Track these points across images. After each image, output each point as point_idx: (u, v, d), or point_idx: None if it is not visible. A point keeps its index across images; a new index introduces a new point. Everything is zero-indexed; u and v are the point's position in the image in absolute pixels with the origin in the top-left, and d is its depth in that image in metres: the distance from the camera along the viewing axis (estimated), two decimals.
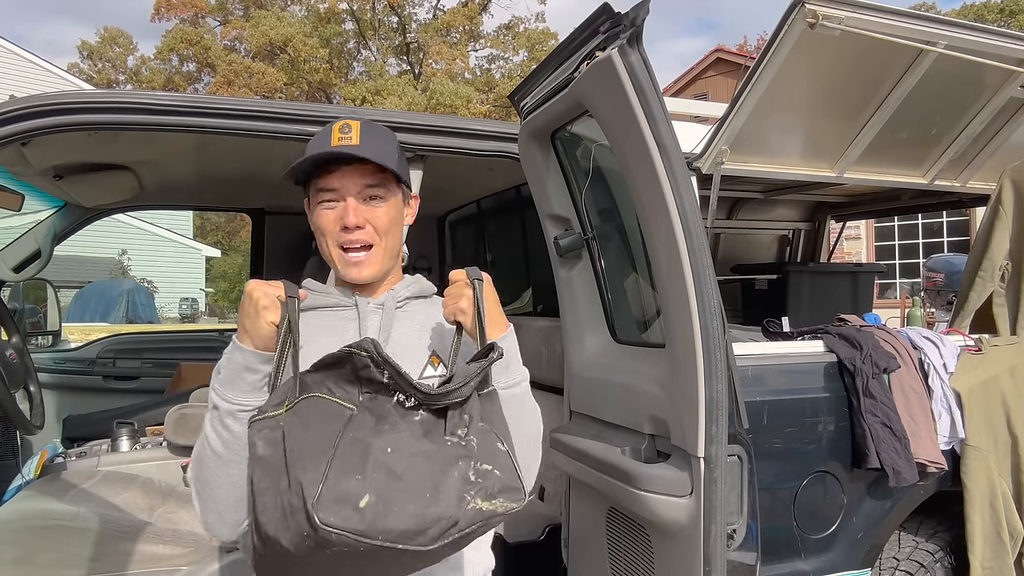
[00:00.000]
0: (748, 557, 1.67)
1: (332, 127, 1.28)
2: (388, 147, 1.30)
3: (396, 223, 1.33)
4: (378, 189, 1.29)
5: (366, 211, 1.28)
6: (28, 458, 2.79)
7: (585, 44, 1.68)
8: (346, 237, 1.27)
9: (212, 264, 23.18)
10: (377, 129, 1.33)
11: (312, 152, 1.27)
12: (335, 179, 1.27)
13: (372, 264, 1.30)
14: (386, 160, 1.26)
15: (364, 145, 1.25)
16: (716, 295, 1.52)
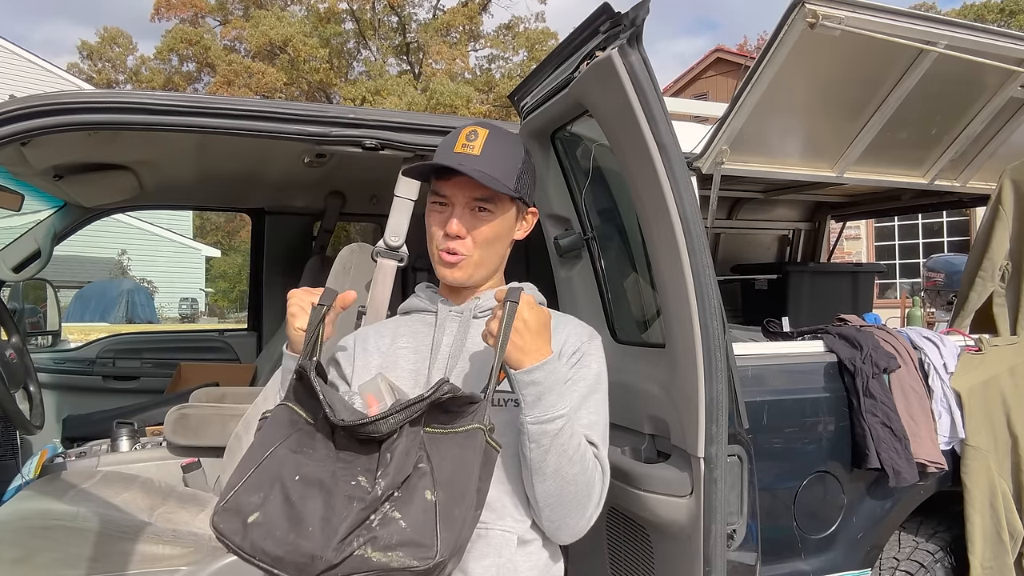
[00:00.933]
0: (748, 557, 1.67)
1: (461, 131, 1.32)
2: (509, 162, 1.31)
3: (500, 238, 1.35)
4: (487, 203, 1.31)
5: (470, 222, 1.31)
6: (28, 458, 2.79)
7: (585, 44, 1.68)
8: (445, 243, 1.31)
9: (212, 264, 23.18)
10: (504, 141, 1.33)
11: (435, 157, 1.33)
12: (448, 187, 1.31)
13: (464, 268, 1.33)
14: (500, 178, 1.27)
15: (484, 157, 1.28)
16: (716, 295, 1.52)
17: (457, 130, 1.33)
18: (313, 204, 3.56)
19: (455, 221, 1.30)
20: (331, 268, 2.42)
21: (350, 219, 3.98)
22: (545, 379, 1.17)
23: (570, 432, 1.19)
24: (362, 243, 2.40)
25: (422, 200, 1.95)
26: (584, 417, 1.28)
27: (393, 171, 1.92)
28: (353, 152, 1.84)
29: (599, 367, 1.34)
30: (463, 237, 1.30)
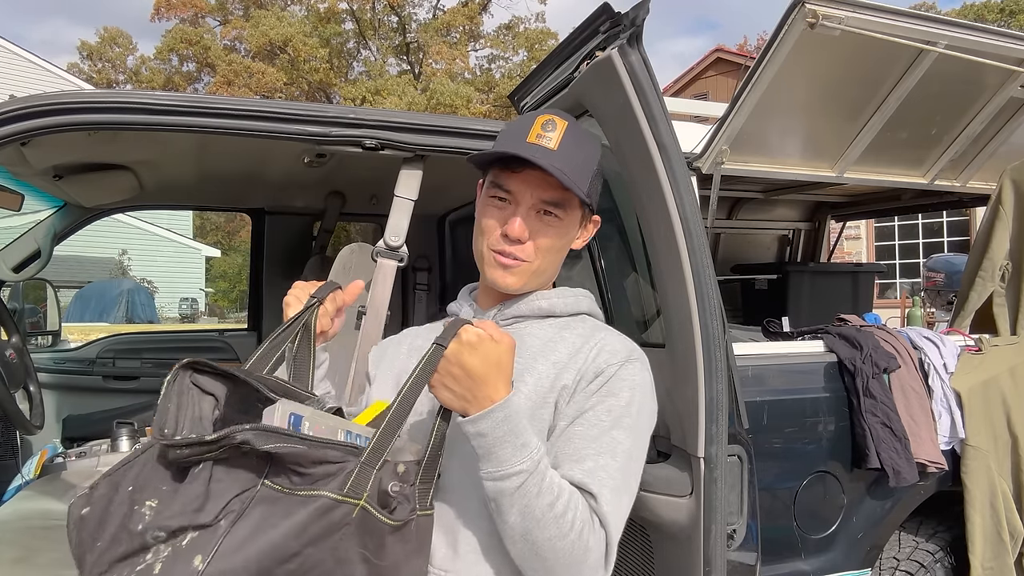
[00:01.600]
0: (748, 557, 1.67)
1: (536, 118, 1.15)
2: (586, 163, 1.15)
3: (562, 246, 1.19)
4: (557, 207, 1.15)
5: (535, 225, 1.14)
6: (28, 458, 2.79)
7: (585, 44, 1.68)
8: (502, 247, 1.15)
9: (212, 264, 23.18)
10: (583, 138, 1.17)
11: (501, 144, 1.15)
12: (514, 181, 1.14)
13: (519, 275, 1.17)
14: (576, 179, 1.11)
15: (561, 153, 1.11)
16: (716, 295, 1.52)
17: (528, 117, 1.16)
18: (313, 204, 3.56)
19: (519, 222, 1.12)
20: (331, 268, 2.42)
21: (350, 219, 3.98)
22: (492, 430, 0.97)
23: (536, 489, 0.97)
24: (362, 243, 2.40)
25: (422, 200, 1.95)
26: (588, 460, 1.04)
27: (393, 171, 1.92)
28: (353, 152, 1.84)
29: (631, 397, 1.10)
30: (524, 242, 1.14)
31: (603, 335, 1.17)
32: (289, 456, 0.91)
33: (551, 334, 1.18)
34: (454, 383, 0.99)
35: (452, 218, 3.83)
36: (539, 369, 1.13)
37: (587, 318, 1.24)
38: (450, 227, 3.87)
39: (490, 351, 1.00)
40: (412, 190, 1.91)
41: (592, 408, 1.09)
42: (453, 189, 3.19)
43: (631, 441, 1.08)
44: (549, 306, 1.21)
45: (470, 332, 1.00)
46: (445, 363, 1.00)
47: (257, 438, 0.89)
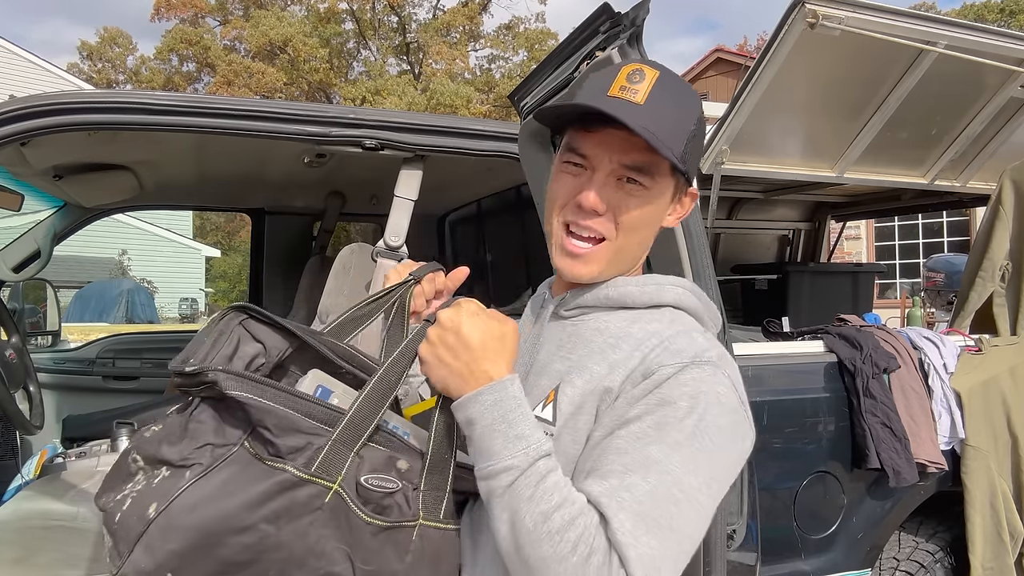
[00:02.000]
0: (748, 557, 1.67)
1: (622, 68, 0.95)
2: (679, 121, 0.94)
3: (649, 222, 0.98)
4: (643, 174, 0.94)
5: (615, 196, 0.94)
6: (28, 458, 2.79)
7: (585, 44, 1.67)
8: (576, 219, 0.96)
9: (212, 264, 23.18)
10: (678, 90, 0.96)
11: (577, 97, 0.95)
12: (591, 142, 0.94)
13: (594, 262, 0.97)
14: (666, 139, 0.90)
15: (648, 107, 0.91)
16: (716, 295, 1.52)
17: (613, 67, 0.97)
18: (313, 204, 3.56)
19: (594, 192, 0.93)
20: (331, 268, 2.42)
21: (350, 219, 3.98)
22: (481, 416, 0.84)
23: (529, 493, 0.80)
24: (362, 243, 2.40)
25: (422, 200, 1.95)
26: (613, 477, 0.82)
27: (393, 171, 1.92)
28: (353, 152, 1.84)
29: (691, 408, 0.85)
30: (602, 214, 0.94)
31: (675, 331, 0.94)
32: (254, 412, 0.82)
33: (618, 329, 0.97)
34: (448, 354, 0.86)
35: (452, 218, 3.83)
36: (592, 369, 0.94)
37: (670, 311, 0.99)
38: (450, 227, 3.87)
39: (492, 324, 0.89)
40: (412, 190, 1.91)
41: (638, 419, 0.86)
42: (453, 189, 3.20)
43: (682, 465, 0.82)
44: (619, 296, 0.99)
45: (471, 302, 0.91)
46: (439, 330, 0.88)
47: (226, 381, 0.81)
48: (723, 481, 0.88)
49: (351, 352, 1.03)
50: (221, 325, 0.96)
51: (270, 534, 0.81)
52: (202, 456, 0.83)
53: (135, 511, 0.81)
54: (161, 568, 0.79)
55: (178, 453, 0.83)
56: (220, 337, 0.94)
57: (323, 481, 0.83)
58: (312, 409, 0.85)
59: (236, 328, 0.96)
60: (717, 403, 0.87)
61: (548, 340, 1.03)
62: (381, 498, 0.86)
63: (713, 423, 0.86)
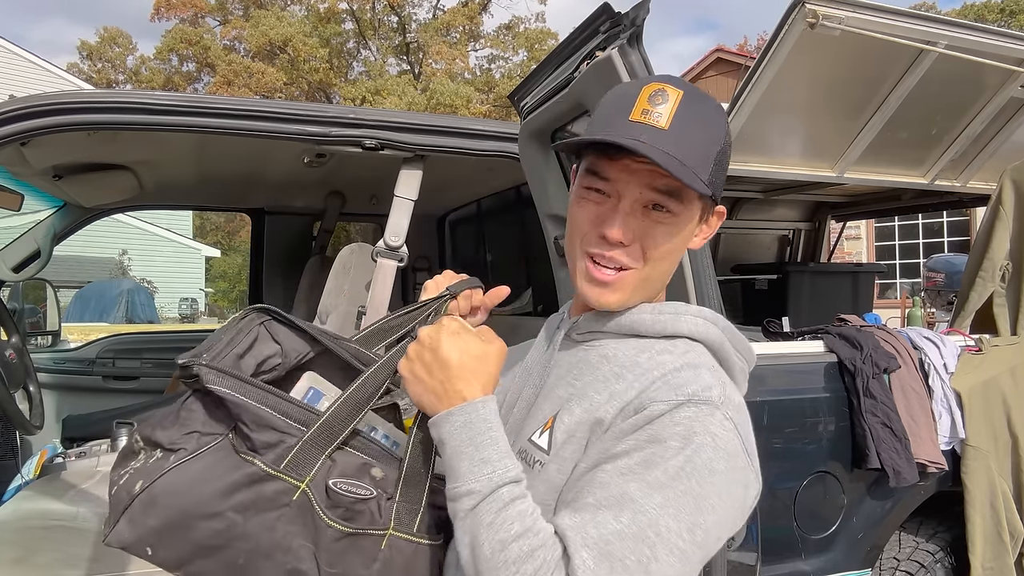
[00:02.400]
0: (748, 557, 1.67)
1: (642, 88, 0.89)
2: (706, 145, 0.89)
3: (678, 249, 0.94)
4: (668, 199, 0.89)
5: (640, 225, 0.90)
6: (27, 458, 2.79)
7: (585, 44, 1.68)
8: (600, 251, 0.91)
9: (212, 264, 23.19)
10: (703, 110, 0.90)
11: (597, 123, 0.92)
12: (614, 168, 0.89)
13: (621, 290, 0.93)
14: (694, 166, 0.86)
15: (673, 133, 0.86)
16: (716, 295, 1.52)
17: (634, 84, 0.92)
18: (313, 204, 3.56)
19: (618, 223, 0.89)
20: (331, 268, 2.42)
21: (350, 219, 3.98)
22: (450, 437, 0.83)
23: (489, 519, 0.78)
24: (362, 243, 2.40)
25: (422, 200, 1.95)
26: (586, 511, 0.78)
27: (393, 171, 1.92)
28: (353, 152, 1.84)
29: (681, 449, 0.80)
30: (628, 245, 0.90)
31: (681, 363, 0.89)
32: (232, 408, 0.85)
33: (626, 358, 0.93)
34: (424, 371, 0.86)
35: (452, 218, 3.84)
36: (593, 399, 0.90)
37: (684, 342, 0.94)
38: (450, 227, 3.88)
39: (472, 344, 0.87)
40: (412, 190, 1.91)
41: (626, 454, 0.81)
42: (453, 189, 3.20)
43: (662, 509, 0.77)
44: (631, 323, 0.95)
45: (453, 319, 0.90)
46: (418, 346, 0.88)
47: (208, 375, 0.85)
48: (712, 529, 0.80)
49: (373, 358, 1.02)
50: (242, 324, 0.98)
51: (237, 523, 0.83)
52: (188, 442, 0.86)
53: (126, 487, 0.85)
54: (141, 542, 0.84)
55: (168, 437, 0.87)
56: (237, 335, 0.96)
57: (290, 479, 0.85)
58: (289, 409, 0.87)
59: (256, 328, 0.98)
60: (712, 445, 0.81)
61: (558, 364, 1.00)
62: (352, 503, 0.87)
63: (704, 466, 0.80)
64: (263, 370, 0.97)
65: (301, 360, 1.01)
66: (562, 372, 0.98)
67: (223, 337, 0.95)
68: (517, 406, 1.01)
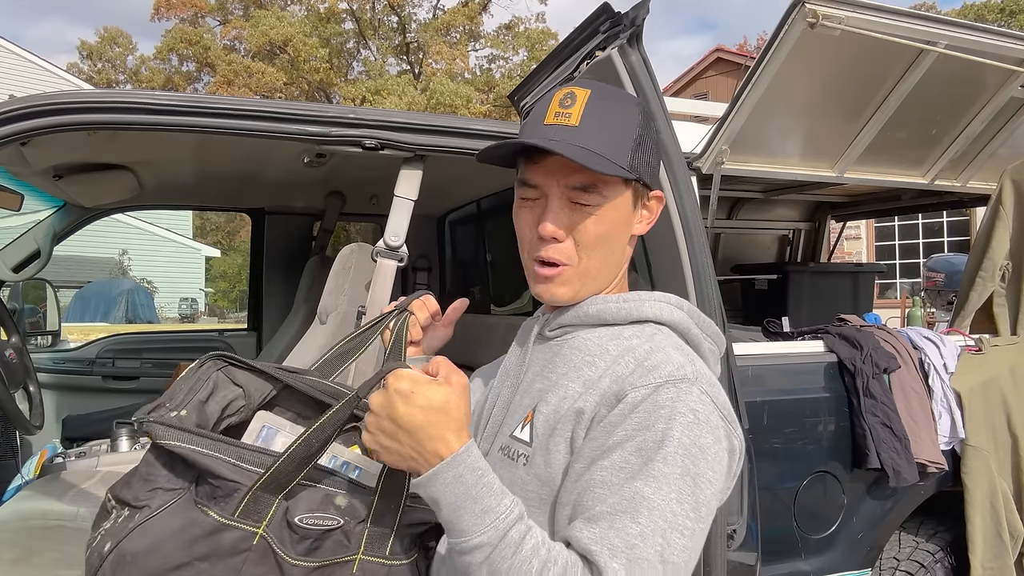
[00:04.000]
0: (748, 557, 1.67)
1: (555, 94, 0.96)
2: (620, 132, 0.94)
3: (612, 235, 0.97)
4: (589, 192, 0.94)
5: (570, 218, 0.95)
6: (27, 458, 2.79)
7: (585, 44, 1.68)
8: (539, 251, 0.97)
9: (212, 264, 23.19)
10: (613, 103, 0.96)
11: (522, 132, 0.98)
12: (537, 173, 0.96)
13: (566, 284, 0.98)
14: (608, 155, 0.92)
15: (584, 127, 0.92)
16: (716, 295, 1.52)
17: (548, 95, 0.98)
18: (313, 204, 3.56)
19: (549, 219, 0.95)
20: (331, 268, 2.42)
21: (350, 219, 3.98)
22: (443, 495, 0.81)
23: (507, 565, 0.79)
24: (362, 243, 2.40)
25: (422, 200, 1.95)
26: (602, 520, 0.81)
27: (393, 171, 1.92)
28: (353, 152, 1.84)
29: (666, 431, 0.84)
30: (561, 240, 0.96)
31: (648, 347, 0.93)
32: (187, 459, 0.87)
33: (596, 346, 0.97)
34: (390, 440, 0.83)
35: (452, 218, 3.83)
36: (566, 387, 0.94)
37: (652, 326, 0.98)
38: (450, 227, 3.87)
39: (432, 396, 0.83)
40: (412, 190, 1.91)
41: (619, 446, 0.84)
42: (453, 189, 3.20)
43: (666, 496, 0.81)
44: (598, 312, 0.99)
45: (401, 378, 0.84)
46: (373, 418, 0.84)
47: (157, 430, 0.87)
48: (711, 501, 0.86)
49: (337, 389, 1.05)
50: (200, 372, 1.01)
51: (205, 570, 0.86)
52: (152, 499, 0.89)
53: (98, 548, 0.88)
54: None
55: (133, 495, 0.90)
56: (197, 383, 0.99)
57: (246, 526, 0.87)
58: (243, 454, 0.89)
59: (214, 375, 1.01)
60: (695, 423, 0.85)
61: (534, 361, 1.03)
62: (320, 535, 0.89)
63: (693, 444, 0.84)
64: (228, 413, 1.00)
65: (266, 399, 1.04)
66: (537, 368, 1.01)
67: (182, 387, 0.97)
68: (496, 406, 1.04)
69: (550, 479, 0.90)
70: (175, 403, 0.94)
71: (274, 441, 0.98)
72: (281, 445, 0.97)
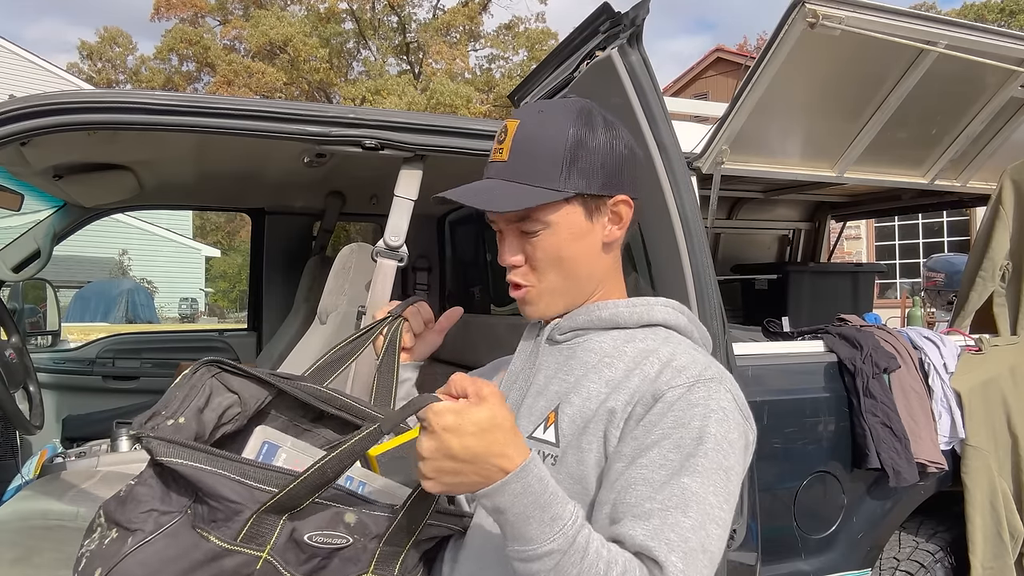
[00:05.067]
0: (748, 557, 1.67)
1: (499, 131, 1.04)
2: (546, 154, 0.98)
3: (564, 254, 1.01)
4: (527, 223, 1.01)
5: (524, 247, 1.03)
6: (27, 458, 2.79)
7: (585, 44, 1.68)
8: (509, 276, 1.06)
9: (212, 264, 23.19)
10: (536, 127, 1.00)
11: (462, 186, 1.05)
12: (490, 213, 1.03)
13: (533, 303, 1.06)
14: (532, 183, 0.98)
15: (512, 160, 0.99)
16: (716, 295, 1.52)
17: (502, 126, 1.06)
18: (313, 204, 3.56)
19: (505, 250, 1.04)
20: (331, 268, 2.42)
21: (350, 219, 3.98)
22: (511, 506, 0.80)
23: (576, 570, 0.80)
24: (362, 243, 2.40)
25: (422, 200, 1.95)
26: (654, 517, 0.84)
27: (393, 171, 1.92)
28: (353, 152, 1.84)
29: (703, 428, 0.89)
30: (519, 265, 1.04)
31: (671, 349, 0.98)
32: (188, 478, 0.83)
33: (611, 347, 1.01)
34: (455, 477, 0.80)
35: (452, 218, 3.83)
36: (589, 388, 0.98)
37: (662, 330, 1.04)
38: (450, 227, 3.87)
39: (480, 419, 0.79)
40: (412, 190, 1.91)
41: (657, 444, 0.88)
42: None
43: (707, 489, 0.86)
44: (611, 316, 1.03)
45: (441, 414, 0.79)
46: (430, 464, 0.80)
47: (158, 447, 0.82)
48: (736, 490, 0.92)
49: (331, 395, 1.05)
50: (194, 380, 0.99)
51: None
52: (146, 522, 0.85)
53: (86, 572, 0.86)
54: None
55: (126, 516, 0.86)
56: (192, 391, 0.96)
57: (249, 550, 0.84)
58: (246, 471, 0.86)
59: (208, 381, 0.99)
60: (725, 420, 0.92)
61: (545, 364, 1.06)
62: (328, 554, 0.87)
63: (723, 439, 0.90)
64: (224, 421, 0.98)
65: (261, 405, 1.02)
66: (551, 371, 1.04)
67: (177, 394, 0.95)
68: None
69: (583, 477, 0.93)
70: (171, 411, 0.92)
71: (275, 458, 0.96)
72: (283, 462, 0.95)
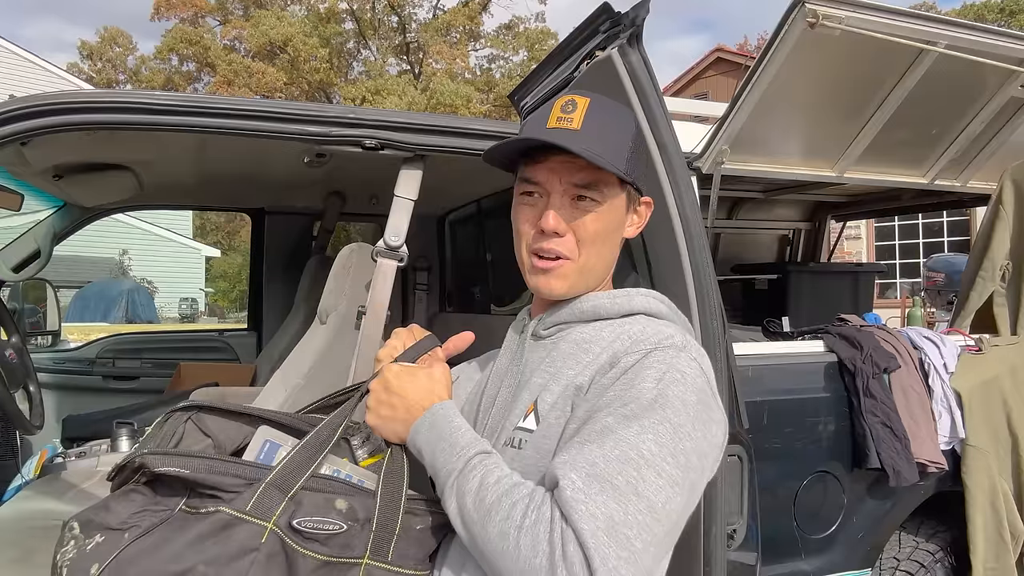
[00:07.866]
0: (748, 557, 1.67)
1: (555, 103, 1.04)
2: (617, 137, 1.02)
3: (609, 234, 1.05)
4: (591, 190, 1.01)
5: (571, 214, 1.02)
6: (27, 458, 2.79)
7: (585, 44, 1.67)
8: (540, 244, 1.03)
9: (212, 264, 23.19)
10: (611, 112, 1.05)
11: (523, 133, 1.06)
12: (540, 171, 1.03)
13: (564, 277, 1.04)
14: (606, 155, 0.99)
15: (585, 131, 0.99)
16: (716, 295, 1.52)
17: (549, 103, 1.05)
18: (313, 204, 3.56)
19: (552, 214, 1.00)
20: (331, 268, 2.41)
21: (350, 219, 3.98)
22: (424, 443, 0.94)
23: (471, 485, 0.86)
24: (362, 243, 2.40)
25: (422, 200, 1.95)
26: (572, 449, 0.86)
27: (393, 171, 1.92)
28: (353, 152, 1.84)
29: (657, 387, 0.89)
30: (563, 234, 1.02)
31: (641, 327, 1.00)
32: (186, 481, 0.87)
33: (592, 336, 1.03)
34: (388, 410, 0.99)
35: (452, 218, 3.83)
36: (567, 374, 1.00)
37: (643, 317, 1.05)
38: (450, 227, 3.87)
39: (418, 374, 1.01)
40: (412, 190, 1.91)
41: (607, 405, 0.89)
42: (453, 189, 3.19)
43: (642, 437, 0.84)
44: (593, 308, 1.05)
45: (390, 365, 1.02)
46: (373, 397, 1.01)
47: (154, 460, 0.88)
48: (692, 455, 0.87)
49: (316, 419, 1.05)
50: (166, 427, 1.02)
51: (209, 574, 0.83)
52: (141, 520, 0.87)
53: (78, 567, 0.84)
54: None
55: (117, 519, 0.87)
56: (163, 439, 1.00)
57: (257, 520, 0.86)
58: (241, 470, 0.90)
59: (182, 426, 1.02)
60: (682, 381, 0.90)
61: (530, 359, 1.08)
62: (326, 539, 0.89)
63: (676, 397, 0.88)
64: None
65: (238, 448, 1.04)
66: (535, 365, 1.06)
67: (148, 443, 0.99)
68: (495, 406, 1.08)
69: (549, 450, 0.94)
70: None
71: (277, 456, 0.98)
72: None
